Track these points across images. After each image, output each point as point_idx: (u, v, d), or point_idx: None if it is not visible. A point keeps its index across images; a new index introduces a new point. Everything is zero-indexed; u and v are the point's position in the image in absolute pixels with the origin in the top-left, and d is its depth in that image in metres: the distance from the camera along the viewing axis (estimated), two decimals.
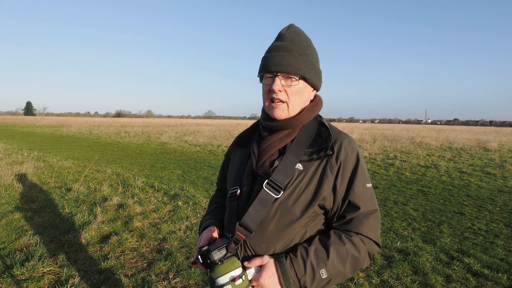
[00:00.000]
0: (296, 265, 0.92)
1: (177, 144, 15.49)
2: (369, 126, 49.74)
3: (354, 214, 0.98)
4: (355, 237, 0.97)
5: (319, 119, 1.11)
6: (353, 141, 1.05)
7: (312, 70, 1.04)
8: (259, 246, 0.99)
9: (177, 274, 2.93)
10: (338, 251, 0.94)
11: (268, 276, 0.92)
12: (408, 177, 8.13)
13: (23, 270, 2.87)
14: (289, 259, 0.93)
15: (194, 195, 5.57)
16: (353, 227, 0.98)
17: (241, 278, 0.92)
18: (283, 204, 0.97)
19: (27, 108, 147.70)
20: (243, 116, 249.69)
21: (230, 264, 0.94)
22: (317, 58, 1.10)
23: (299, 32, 1.07)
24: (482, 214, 5.08)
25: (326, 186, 0.97)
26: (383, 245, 3.66)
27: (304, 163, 1.00)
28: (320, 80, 1.10)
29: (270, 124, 1.06)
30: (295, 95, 1.02)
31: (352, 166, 1.00)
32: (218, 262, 0.93)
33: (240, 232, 0.96)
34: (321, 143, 1.01)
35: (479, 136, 22.90)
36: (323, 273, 0.92)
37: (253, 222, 0.96)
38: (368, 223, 0.98)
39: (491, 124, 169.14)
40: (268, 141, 1.05)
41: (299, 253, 0.94)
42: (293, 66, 0.99)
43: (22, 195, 5.28)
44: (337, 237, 0.97)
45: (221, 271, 0.93)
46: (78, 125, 32.87)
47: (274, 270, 0.93)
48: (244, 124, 39.45)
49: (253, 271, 0.96)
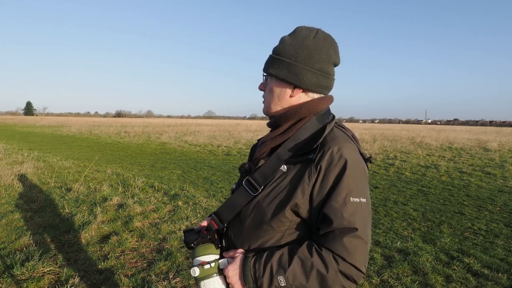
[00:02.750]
0: (257, 265, 0.93)
1: (177, 144, 15.50)
2: (369, 126, 49.74)
3: (327, 229, 0.90)
4: (325, 253, 0.88)
5: (326, 122, 1.03)
6: (347, 149, 0.94)
7: (281, 67, 1.01)
8: (237, 239, 1.05)
9: (177, 274, 2.94)
10: (303, 262, 0.89)
11: (233, 269, 0.97)
12: (408, 177, 8.13)
13: (23, 270, 2.87)
14: (254, 258, 0.96)
15: (194, 195, 5.57)
16: (327, 242, 0.89)
17: (209, 264, 0.99)
18: (259, 203, 0.99)
19: (27, 108, 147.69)
20: (243, 116, 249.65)
21: (204, 249, 1.03)
22: (306, 55, 1.00)
23: (295, 32, 1.05)
24: (482, 214, 5.09)
25: (300, 193, 0.92)
26: (383, 245, 3.66)
27: (290, 165, 0.97)
28: (295, 77, 1.00)
29: (267, 122, 1.14)
30: (268, 93, 1.08)
31: (335, 175, 0.91)
32: (192, 244, 1.04)
33: (213, 221, 1.06)
34: (311, 146, 0.96)
35: (479, 136, 22.90)
36: (281, 280, 0.89)
37: (226, 214, 1.04)
38: (342, 242, 0.87)
39: (491, 124, 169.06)
40: (263, 139, 1.11)
41: (265, 255, 0.95)
42: (265, 64, 1.07)
43: (22, 195, 5.28)
44: (307, 248, 0.91)
45: (194, 253, 1.03)
46: (78, 125, 32.87)
47: (238, 264, 0.97)
48: (244, 124, 39.39)
49: (226, 262, 1.01)
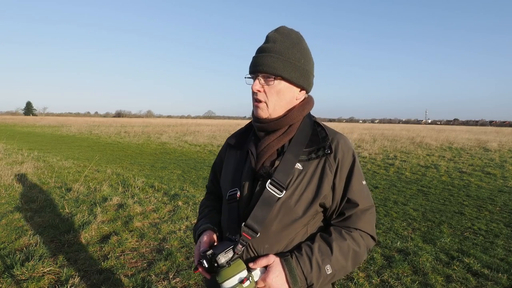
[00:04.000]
0: (302, 263, 0.93)
1: (177, 144, 15.49)
2: (369, 126, 49.74)
3: (353, 211, 1.02)
4: (354, 233, 1.01)
5: (313, 119, 1.12)
6: (348, 140, 1.08)
7: (293, 70, 1.03)
8: (262, 246, 0.99)
9: (177, 274, 2.94)
10: (341, 247, 0.97)
11: (275, 276, 0.92)
12: (408, 177, 8.13)
13: (23, 270, 2.87)
14: (294, 257, 0.94)
15: (194, 195, 5.57)
16: (352, 223, 1.02)
17: (248, 280, 0.90)
18: (285, 203, 0.97)
19: (27, 108, 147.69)
20: (243, 116, 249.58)
21: (237, 266, 0.92)
22: (306, 59, 1.07)
23: (286, 33, 1.06)
24: (482, 214, 5.08)
25: (326, 185, 1.00)
26: (383, 245, 3.67)
27: (303, 162, 1.01)
28: (306, 80, 1.07)
29: (259, 125, 1.08)
30: (274, 95, 1.03)
31: (349, 164, 1.03)
32: (226, 265, 0.92)
33: (246, 233, 0.96)
34: (318, 142, 1.03)
35: (479, 136, 22.89)
36: (328, 269, 0.94)
37: (258, 223, 0.97)
38: (365, 219, 1.03)
39: (491, 124, 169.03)
40: (266, 142, 1.06)
41: (304, 251, 0.95)
42: (270, 66, 1.00)
43: (22, 195, 5.28)
44: (338, 233, 1.00)
45: (228, 274, 0.91)
46: (78, 125, 32.87)
47: (280, 268, 0.93)
48: (244, 124, 39.16)
49: (259, 272, 0.95)
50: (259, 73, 1.03)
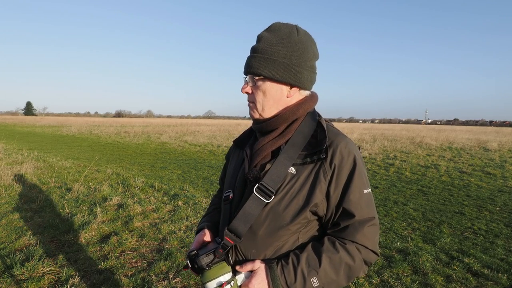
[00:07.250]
0: (286, 272, 0.90)
1: (177, 144, 15.50)
2: (369, 126, 49.74)
3: (348, 222, 0.94)
4: (349, 245, 0.93)
5: (317, 119, 1.04)
6: (351, 143, 0.99)
7: (276, 67, 0.97)
8: (249, 251, 0.98)
9: (177, 274, 2.94)
10: (331, 259, 0.91)
11: (257, 282, 0.90)
12: (408, 177, 8.13)
13: (23, 270, 2.87)
14: (280, 265, 0.91)
15: (194, 195, 5.57)
16: (348, 235, 0.94)
17: (229, 284, 0.90)
18: (274, 209, 0.94)
19: (27, 108, 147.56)
20: (243, 116, 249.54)
21: (219, 269, 0.93)
22: (296, 54, 0.98)
23: (275, 30, 1.00)
24: (482, 214, 5.08)
25: (319, 192, 0.93)
26: (383, 245, 3.66)
27: (298, 166, 0.96)
28: (293, 76, 0.98)
29: (255, 126, 1.07)
30: (261, 95, 1.00)
31: (348, 170, 0.95)
32: (206, 267, 0.93)
33: (228, 237, 0.94)
34: (315, 146, 0.96)
35: (479, 136, 22.90)
36: (314, 281, 0.89)
37: (242, 227, 0.94)
38: (363, 231, 0.94)
39: (491, 124, 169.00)
40: (260, 143, 1.02)
41: (291, 260, 0.92)
42: (252, 66, 0.98)
43: (22, 195, 5.28)
44: (330, 244, 0.94)
45: (209, 276, 0.92)
46: (78, 125, 32.87)
47: (264, 276, 0.91)
48: (244, 124, 39.43)
49: (243, 277, 0.94)
50: (247, 75, 1.02)
